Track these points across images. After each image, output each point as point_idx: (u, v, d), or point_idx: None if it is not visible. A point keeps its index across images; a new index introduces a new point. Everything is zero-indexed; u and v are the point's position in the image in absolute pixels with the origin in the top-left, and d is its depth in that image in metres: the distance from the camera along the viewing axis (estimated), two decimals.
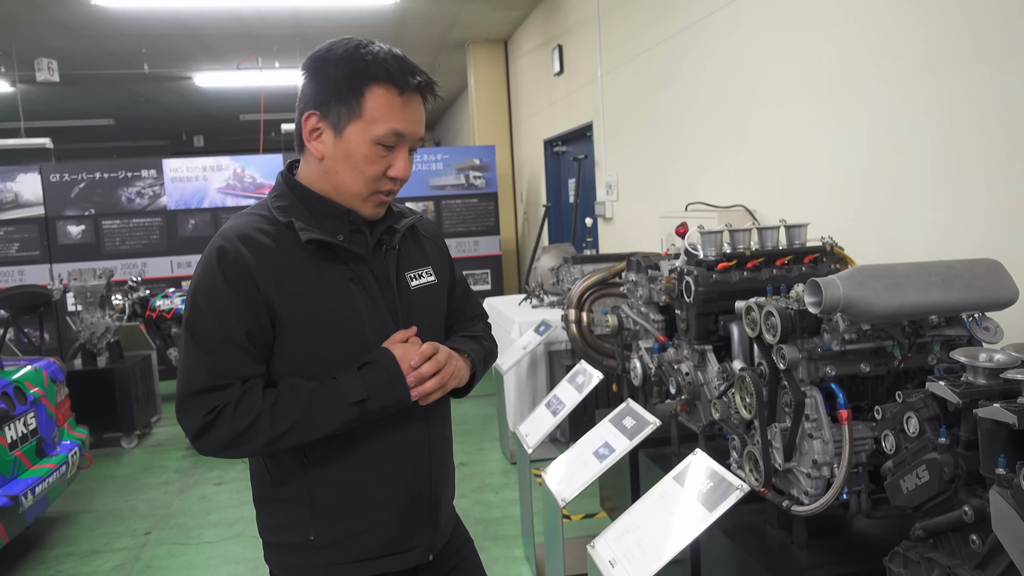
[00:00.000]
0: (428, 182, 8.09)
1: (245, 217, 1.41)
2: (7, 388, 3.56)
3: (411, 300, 1.48)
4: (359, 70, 1.33)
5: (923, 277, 1.76)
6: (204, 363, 1.31)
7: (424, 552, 1.49)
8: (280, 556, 1.46)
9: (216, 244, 1.34)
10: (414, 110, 1.37)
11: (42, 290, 5.09)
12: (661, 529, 1.85)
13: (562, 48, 6.76)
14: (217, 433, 1.31)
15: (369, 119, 1.34)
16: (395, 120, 1.35)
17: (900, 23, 2.65)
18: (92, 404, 5.07)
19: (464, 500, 4.04)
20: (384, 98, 1.34)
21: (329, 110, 1.35)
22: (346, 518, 1.42)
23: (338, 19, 7.47)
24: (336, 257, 1.39)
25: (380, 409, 1.36)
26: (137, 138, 16.52)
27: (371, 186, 1.38)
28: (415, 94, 1.37)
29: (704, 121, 4.18)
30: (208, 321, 1.32)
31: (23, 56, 7.88)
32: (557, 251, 5.37)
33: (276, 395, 1.33)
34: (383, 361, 1.36)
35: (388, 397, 1.36)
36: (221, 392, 1.31)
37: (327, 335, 1.36)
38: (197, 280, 1.35)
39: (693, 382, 2.52)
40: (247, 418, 1.30)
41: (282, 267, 1.34)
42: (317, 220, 1.39)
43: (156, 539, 3.87)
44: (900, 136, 2.69)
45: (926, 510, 1.52)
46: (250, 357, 1.34)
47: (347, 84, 1.33)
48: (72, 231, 7.60)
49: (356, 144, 1.35)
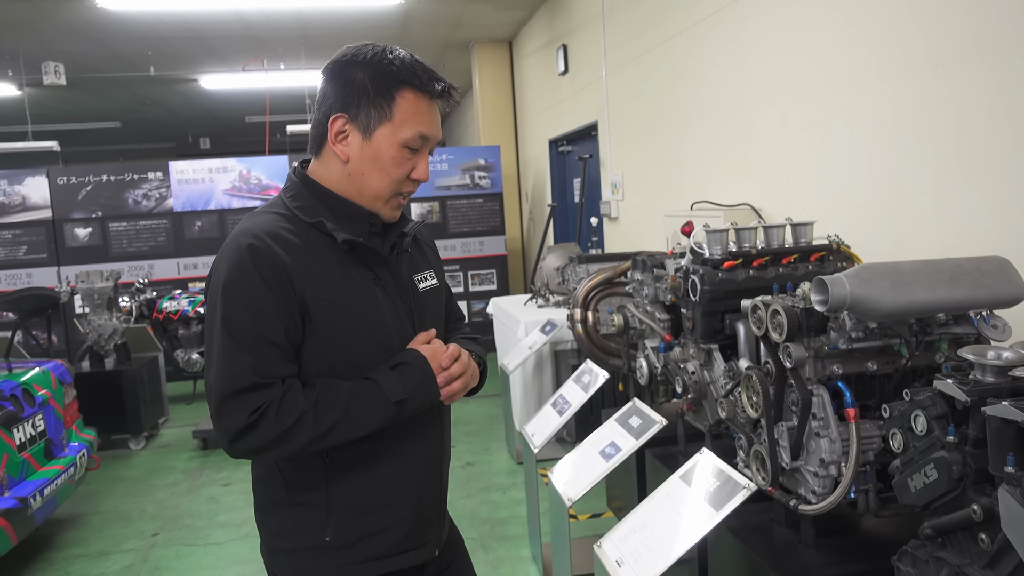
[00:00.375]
0: (433, 182, 8.09)
1: (265, 216, 1.39)
2: (15, 390, 3.58)
3: (422, 302, 1.52)
4: (390, 74, 1.36)
5: (930, 275, 1.76)
6: (247, 361, 1.28)
7: (433, 548, 1.52)
8: (293, 561, 1.45)
9: (245, 241, 1.31)
10: (436, 114, 1.42)
11: (50, 292, 5.12)
12: (668, 528, 1.84)
13: (566, 48, 6.76)
14: (261, 433, 1.29)
15: (399, 122, 1.37)
16: (422, 124, 1.38)
17: (904, 21, 2.64)
18: (100, 406, 5.09)
19: (471, 500, 4.04)
20: (413, 102, 1.37)
21: (358, 113, 1.37)
22: (363, 518, 1.43)
23: (343, 21, 7.48)
24: (359, 259, 1.41)
25: (416, 408, 1.40)
26: (143, 141, 16.58)
27: (395, 187, 1.41)
28: (437, 99, 1.42)
29: (709, 119, 4.17)
30: (246, 319, 1.30)
31: (30, 60, 7.92)
32: (563, 251, 5.36)
33: (317, 394, 1.33)
34: (416, 362, 1.40)
35: (423, 396, 1.40)
36: (265, 391, 1.29)
37: (356, 336, 1.38)
38: (228, 277, 1.31)
39: (699, 381, 2.51)
40: (291, 417, 1.29)
41: (314, 267, 1.35)
42: (339, 222, 1.40)
43: (164, 540, 3.88)
44: (906, 133, 2.68)
45: (934, 509, 1.52)
46: (286, 356, 1.34)
47: (378, 88, 1.36)
48: (79, 233, 7.64)
49: (385, 146, 1.37)
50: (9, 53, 7.87)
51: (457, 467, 4.61)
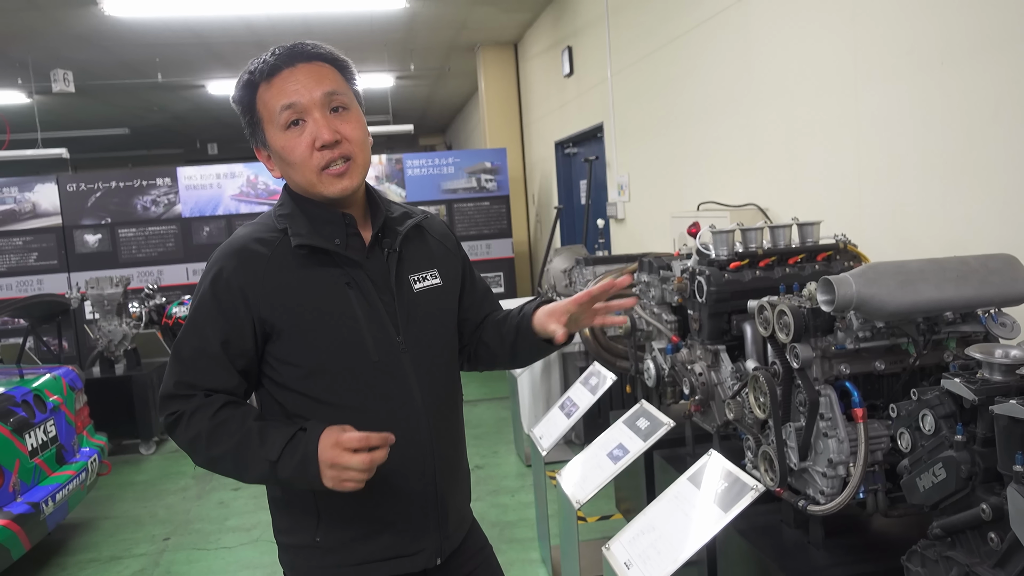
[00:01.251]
0: (440, 185, 8.11)
1: (250, 227, 1.45)
2: (27, 396, 3.60)
3: (413, 303, 1.47)
4: (244, 88, 1.42)
5: (937, 273, 1.75)
6: (175, 373, 1.39)
7: (431, 556, 1.49)
8: (291, 557, 1.49)
9: (214, 259, 1.41)
10: (294, 79, 1.37)
11: (60, 299, 5.16)
12: (677, 530, 1.84)
13: (571, 49, 6.76)
14: (177, 436, 1.38)
15: (267, 117, 1.39)
16: (278, 99, 1.37)
17: (910, 17, 2.63)
18: (110, 411, 5.11)
19: (480, 503, 4.04)
20: (265, 93, 1.39)
21: (255, 137, 1.44)
22: (350, 523, 1.43)
23: (348, 25, 7.51)
24: (331, 262, 1.41)
25: (287, 479, 1.32)
26: (152, 147, 16.67)
27: (311, 167, 1.38)
28: (287, 68, 1.37)
29: (715, 120, 4.17)
30: (191, 333, 1.39)
31: (39, 68, 7.98)
32: (569, 253, 5.36)
33: (224, 419, 1.35)
34: (309, 436, 1.31)
35: (298, 473, 1.30)
36: (184, 400, 1.37)
37: (324, 339, 1.38)
38: (195, 292, 1.43)
39: (707, 382, 2.51)
40: (191, 432, 1.36)
41: (274, 275, 1.38)
42: (315, 226, 1.41)
43: (175, 544, 3.90)
44: (912, 131, 2.67)
45: (943, 508, 1.51)
46: (221, 368, 1.38)
47: (244, 107, 1.42)
48: (89, 240, 7.68)
49: (276, 143, 1.40)
50: (19, 61, 7.93)
51: None
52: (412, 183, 8.12)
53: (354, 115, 1.41)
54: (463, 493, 1.60)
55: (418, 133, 12.86)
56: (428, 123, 16.04)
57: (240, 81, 1.41)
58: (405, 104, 12.95)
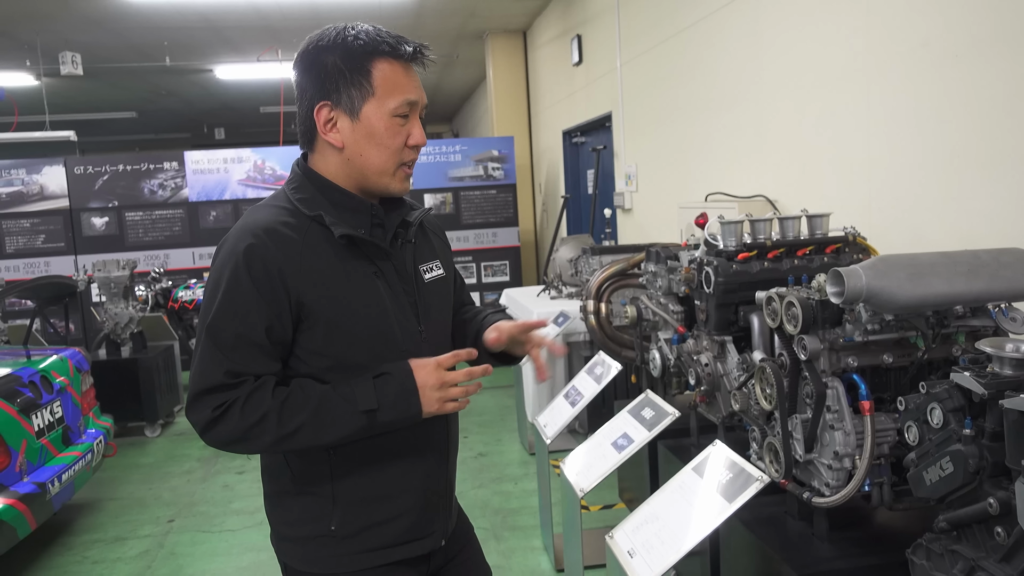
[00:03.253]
0: (447, 173, 8.09)
1: (267, 210, 1.39)
2: (34, 377, 3.62)
3: (427, 293, 1.49)
4: (359, 49, 1.34)
5: (948, 267, 1.74)
6: (221, 363, 1.32)
7: (439, 537, 1.52)
8: (300, 549, 1.46)
9: (243, 243, 1.32)
10: (416, 77, 1.41)
11: (68, 281, 5.16)
12: (680, 520, 1.84)
13: (581, 38, 6.72)
14: (226, 427, 1.31)
15: (383, 94, 1.35)
16: (405, 90, 1.37)
17: (925, 9, 2.60)
18: (116, 393, 5.14)
19: (483, 490, 4.05)
20: (390, 71, 1.36)
21: (340, 97, 1.35)
22: (368, 508, 1.43)
23: (356, 10, 7.48)
24: (360, 252, 1.40)
25: (390, 421, 1.35)
26: (159, 131, 16.67)
27: (397, 158, 1.40)
28: (412, 63, 1.40)
29: (724, 110, 4.14)
30: (229, 318, 1.32)
31: (47, 50, 7.97)
32: (576, 242, 5.35)
33: (287, 394, 1.33)
34: (398, 374, 1.36)
35: (400, 410, 1.35)
36: (233, 389, 1.32)
37: (357, 330, 1.37)
38: (219, 275, 1.34)
39: (712, 373, 2.50)
40: (255, 415, 1.30)
41: (311, 263, 1.34)
42: (340, 214, 1.39)
43: (179, 526, 3.93)
44: (925, 124, 2.65)
45: (950, 502, 1.51)
46: (267, 355, 1.34)
47: (352, 66, 1.34)
48: (96, 223, 7.70)
49: (376, 121, 1.36)
50: (27, 43, 7.92)
51: (469, 457, 4.63)
52: (419, 170, 8.09)
53: None
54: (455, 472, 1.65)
55: (425, 120, 12.79)
56: (435, 110, 16.00)
57: (350, 38, 1.35)
58: None
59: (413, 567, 1.49)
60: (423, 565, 1.51)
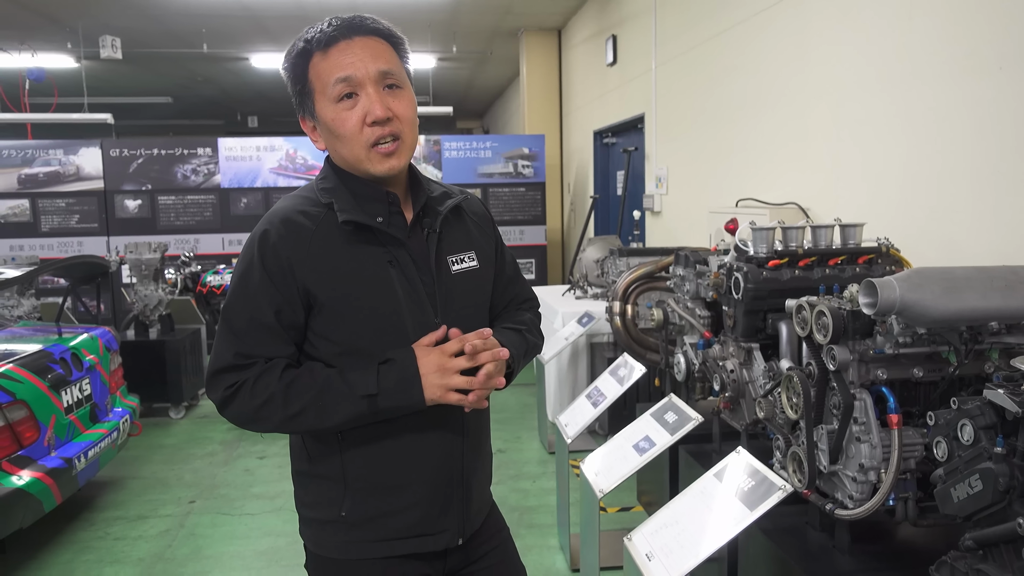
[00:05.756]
0: (476, 169, 8.12)
1: (292, 199, 1.44)
2: (65, 354, 3.69)
3: (451, 285, 1.46)
4: (298, 56, 1.39)
5: (984, 281, 1.71)
6: (233, 344, 1.37)
7: (453, 536, 1.49)
8: (314, 531, 1.48)
9: (261, 228, 1.38)
10: (351, 52, 1.35)
11: (100, 261, 5.24)
12: (700, 525, 1.83)
13: (616, 38, 6.70)
14: (237, 407, 1.37)
15: (319, 87, 1.37)
16: (334, 70, 1.35)
17: (969, 19, 2.56)
18: (143, 374, 5.22)
19: (501, 487, 4.06)
20: (320, 64, 1.37)
21: (302, 107, 1.42)
22: (377, 496, 1.43)
23: (393, 6, 7.52)
24: (375, 240, 1.40)
25: (391, 407, 1.35)
26: (193, 117, 16.87)
27: (360, 142, 1.36)
28: (344, 40, 1.36)
29: (759, 116, 4.11)
30: (241, 303, 1.37)
31: (88, 33, 8.10)
32: (603, 243, 5.34)
33: (294, 377, 1.36)
34: (402, 360, 1.36)
35: (400, 397, 1.35)
36: (244, 371, 1.36)
37: (363, 317, 1.37)
38: (240, 261, 1.41)
39: (738, 379, 2.48)
40: (262, 396, 1.35)
41: (319, 249, 1.36)
42: (359, 202, 1.40)
43: (200, 508, 3.98)
44: (965, 135, 2.60)
45: (977, 520, 1.48)
46: (278, 338, 1.37)
47: (296, 75, 1.40)
48: (129, 205, 7.82)
49: (325, 115, 1.38)
50: (69, 26, 8.06)
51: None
52: (449, 165, 8.13)
53: (406, 94, 1.40)
54: (486, 475, 1.61)
55: (456, 116, 12.84)
56: (467, 106, 16.03)
57: (293, 49, 1.39)
58: (445, 86, 12.95)
59: (426, 562, 1.47)
60: (438, 562, 1.50)
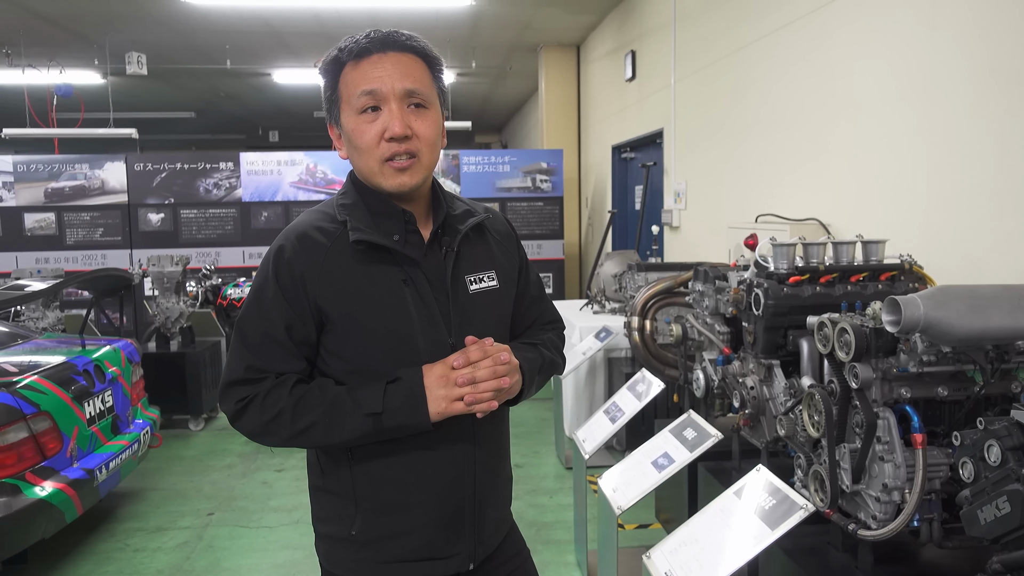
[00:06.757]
0: (494, 183, 8.14)
1: (311, 214, 1.45)
2: (88, 366, 3.73)
3: (468, 304, 1.44)
4: (332, 63, 1.41)
5: (1010, 300, 1.69)
6: (245, 358, 1.38)
7: (464, 560, 1.47)
8: (327, 548, 1.47)
9: (277, 244, 1.40)
10: (381, 66, 1.36)
11: (124, 274, 5.30)
12: (720, 544, 1.81)
13: (635, 54, 6.72)
14: (248, 420, 1.38)
15: (347, 97, 1.39)
16: (360, 83, 1.37)
17: (993, 35, 2.54)
18: (163, 386, 5.26)
19: (517, 503, 4.04)
20: (349, 74, 1.38)
21: (331, 113, 1.44)
22: (386, 517, 1.42)
23: (414, 20, 7.59)
24: (390, 258, 1.39)
25: (397, 426, 1.35)
26: (216, 132, 17.10)
27: (375, 155, 1.37)
28: (377, 53, 1.37)
29: (779, 131, 4.09)
30: (255, 317, 1.39)
31: (115, 50, 8.25)
32: (621, 258, 5.33)
33: (303, 392, 1.36)
34: (409, 379, 1.35)
35: (405, 416, 1.34)
36: (255, 384, 1.37)
37: (376, 335, 1.37)
38: (257, 276, 1.43)
39: (758, 396, 2.46)
40: (272, 411, 1.36)
41: (333, 266, 1.37)
42: (376, 220, 1.40)
43: (219, 520, 3.99)
44: (990, 152, 2.58)
45: (1005, 543, 1.46)
46: (289, 353, 1.38)
47: (329, 82, 1.41)
48: (152, 219, 7.92)
49: (348, 125, 1.39)
50: (97, 43, 8.21)
51: None
52: (467, 179, 8.17)
53: (431, 115, 1.40)
54: (503, 499, 1.58)
55: (475, 130, 12.94)
56: (485, 121, 16.11)
57: (328, 56, 1.40)
58: (464, 101, 13.03)
59: None
60: None
